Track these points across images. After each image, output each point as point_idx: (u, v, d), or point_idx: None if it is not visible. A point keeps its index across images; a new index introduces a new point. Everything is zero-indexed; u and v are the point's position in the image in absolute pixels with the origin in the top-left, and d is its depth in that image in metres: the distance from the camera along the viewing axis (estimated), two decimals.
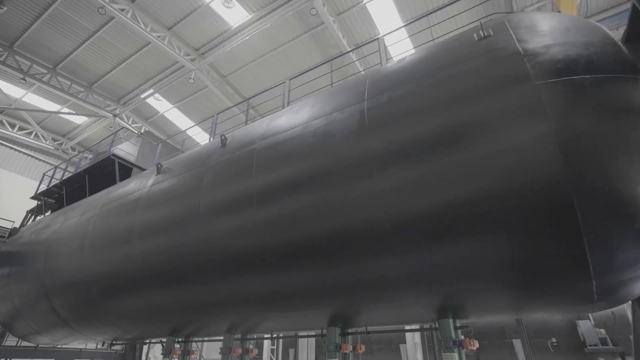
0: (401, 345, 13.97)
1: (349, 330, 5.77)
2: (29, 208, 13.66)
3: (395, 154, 4.04)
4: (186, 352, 7.56)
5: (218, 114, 9.01)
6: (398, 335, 14.20)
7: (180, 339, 7.77)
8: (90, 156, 13.84)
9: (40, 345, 11.90)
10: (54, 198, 11.94)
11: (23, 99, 16.83)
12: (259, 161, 5.21)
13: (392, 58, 12.37)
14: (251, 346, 7.12)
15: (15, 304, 9.51)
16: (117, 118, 16.85)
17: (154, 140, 11.49)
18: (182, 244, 5.85)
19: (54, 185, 11.22)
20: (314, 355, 15.23)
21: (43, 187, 11.99)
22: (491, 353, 12.14)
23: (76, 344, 13.34)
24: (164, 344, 7.64)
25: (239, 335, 7.07)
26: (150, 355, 16.90)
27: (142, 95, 16.45)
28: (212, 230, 5.42)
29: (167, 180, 6.76)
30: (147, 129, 18.17)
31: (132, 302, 6.93)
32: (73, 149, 20.31)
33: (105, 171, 10.32)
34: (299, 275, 4.79)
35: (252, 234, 4.99)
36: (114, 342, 9.39)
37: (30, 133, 19.02)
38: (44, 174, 12.81)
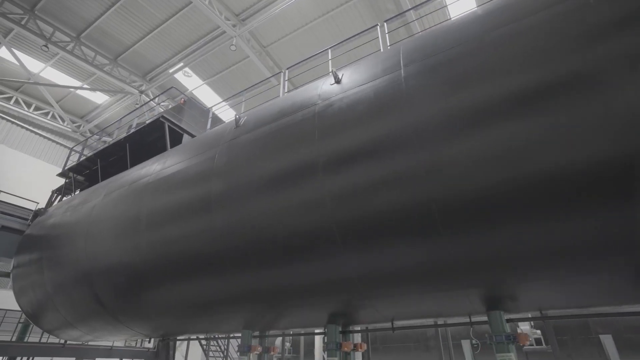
0: (463, 342, 12.69)
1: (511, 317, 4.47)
2: (46, 191, 12.35)
3: None
4: (265, 349, 6.26)
5: (287, 68, 7.65)
6: (458, 329, 12.92)
7: (256, 333, 6.46)
8: (107, 139, 12.48)
9: (68, 342, 10.59)
10: (83, 175, 10.57)
11: (41, 74, 15.43)
12: (413, 87, 3.86)
13: (450, 18, 11.05)
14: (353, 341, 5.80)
15: (48, 292, 8.17)
16: (142, 95, 15.46)
17: (199, 107, 10.13)
18: (290, 209, 4.49)
19: (86, 159, 9.85)
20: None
21: (71, 163, 10.62)
22: (573, 349, 10.85)
23: (102, 342, 12.06)
24: (241, 340, 6.30)
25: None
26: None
27: (171, 70, 15.08)
28: (340, 189, 4.08)
29: (255, 131, 5.40)
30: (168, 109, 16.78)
31: (209, 286, 5.59)
32: (91, 132, 18.92)
33: (148, 140, 8.99)
34: (470, 239, 3.46)
35: (410, 186, 3.66)
36: (164, 338, 8.07)
37: (47, 113, 17.62)
38: (71, 149, 11.43)
